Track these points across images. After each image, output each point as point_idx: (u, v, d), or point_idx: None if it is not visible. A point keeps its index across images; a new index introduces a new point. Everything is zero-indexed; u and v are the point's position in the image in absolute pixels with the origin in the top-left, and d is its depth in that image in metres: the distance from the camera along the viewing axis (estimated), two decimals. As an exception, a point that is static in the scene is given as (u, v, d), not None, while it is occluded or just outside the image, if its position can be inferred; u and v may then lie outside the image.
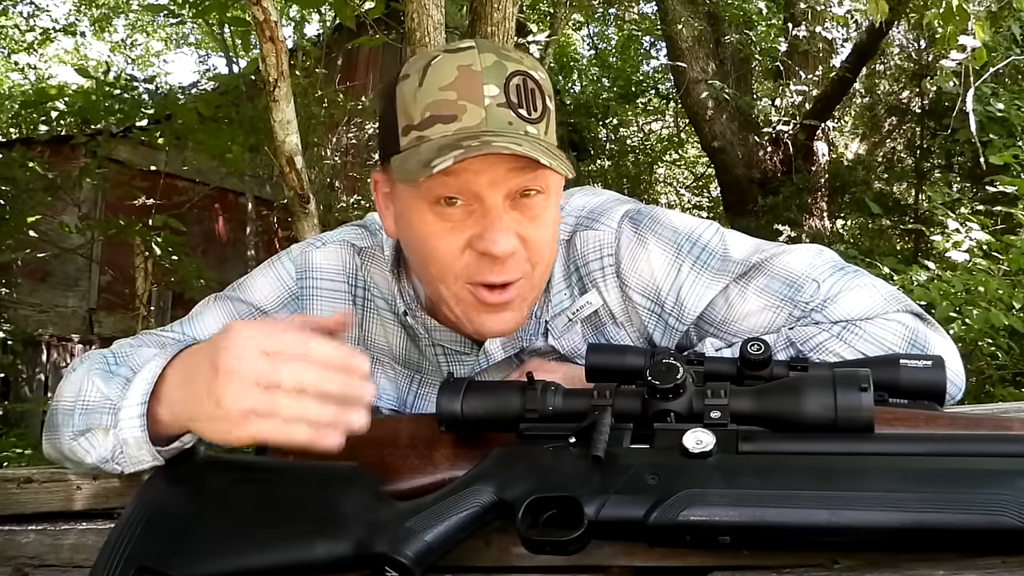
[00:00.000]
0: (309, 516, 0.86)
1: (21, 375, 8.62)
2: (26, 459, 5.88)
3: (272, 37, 3.16)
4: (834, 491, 0.75)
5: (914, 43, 9.40)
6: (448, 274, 1.05)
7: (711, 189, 12.75)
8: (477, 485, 0.85)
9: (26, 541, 0.98)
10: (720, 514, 0.76)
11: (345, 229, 1.26)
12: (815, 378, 0.83)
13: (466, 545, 0.85)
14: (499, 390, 0.92)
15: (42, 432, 1.08)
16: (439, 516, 0.83)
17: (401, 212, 1.08)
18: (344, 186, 8.91)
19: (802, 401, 0.81)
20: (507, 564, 0.88)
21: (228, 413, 0.80)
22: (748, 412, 0.84)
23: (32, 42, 14.77)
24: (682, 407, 0.85)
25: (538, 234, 1.04)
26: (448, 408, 0.91)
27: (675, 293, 1.14)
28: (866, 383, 0.81)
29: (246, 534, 0.85)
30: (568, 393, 0.90)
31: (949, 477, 0.75)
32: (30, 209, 6.40)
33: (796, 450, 0.81)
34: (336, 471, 0.90)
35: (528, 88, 1.02)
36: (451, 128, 0.99)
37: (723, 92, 8.59)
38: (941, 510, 0.73)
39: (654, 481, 0.79)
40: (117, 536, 0.85)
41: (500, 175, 0.99)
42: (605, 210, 1.18)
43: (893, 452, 0.80)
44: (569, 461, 0.84)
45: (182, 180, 8.41)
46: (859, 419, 0.80)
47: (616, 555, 0.85)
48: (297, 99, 3.67)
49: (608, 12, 11.55)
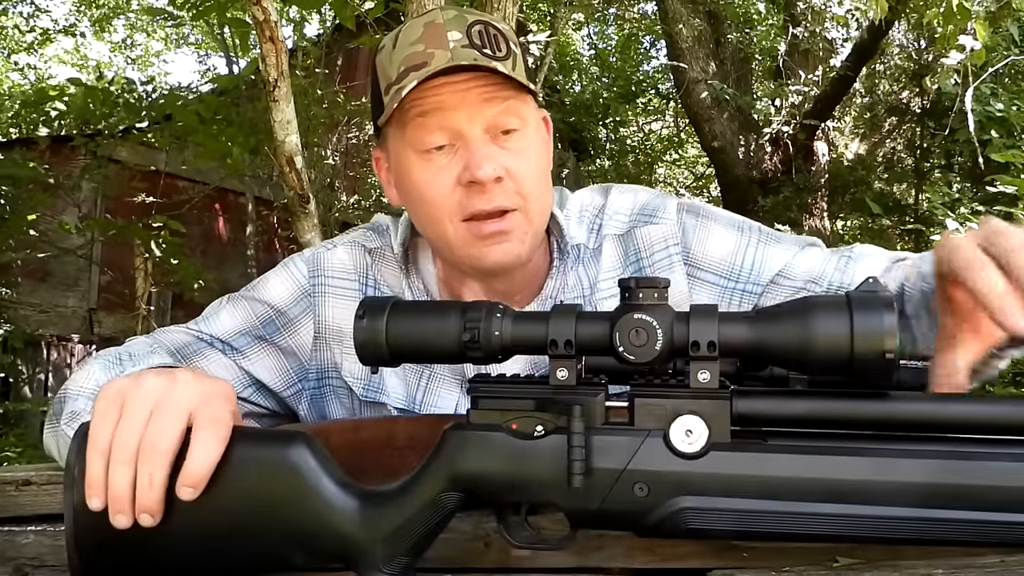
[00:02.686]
0: (271, 520, 0.80)
1: (21, 375, 8.62)
2: (26, 458, 5.89)
3: (272, 37, 3.16)
4: (848, 504, 0.70)
5: (914, 43, 9.40)
6: (443, 214, 1.10)
7: (711, 189, 12.76)
8: (441, 482, 0.77)
9: (26, 542, 0.98)
10: (719, 524, 0.72)
11: (355, 232, 1.30)
12: (826, 300, 0.70)
13: (465, 547, 0.85)
14: (433, 309, 0.78)
15: (42, 429, 1.12)
16: (411, 526, 0.77)
17: (398, 173, 1.15)
18: (344, 186, 8.92)
19: (810, 328, 0.69)
20: (507, 566, 0.88)
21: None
22: (742, 344, 0.72)
23: (32, 42, 14.77)
24: (661, 365, 0.73)
25: (523, 166, 1.10)
26: (369, 331, 0.77)
27: (750, 260, 1.19)
28: (890, 304, 0.67)
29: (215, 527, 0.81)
30: (520, 317, 0.76)
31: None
32: (30, 209, 6.40)
33: (799, 415, 0.72)
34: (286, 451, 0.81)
35: (490, 33, 1.10)
36: (422, 73, 1.06)
37: (723, 92, 8.58)
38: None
39: (642, 492, 0.73)
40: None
41: (475, 107, 1.07)
42: (657, 205, 1.24)
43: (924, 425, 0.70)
44: (540, 458, 0.75)
45: (182, 180, 8.41)
46: (879, 353, 0.66)
47: (615, 557, 0.85)
48: (297, 99, 3.67)
49: (608, 12, 11.54)
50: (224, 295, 1.28)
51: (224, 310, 1.23)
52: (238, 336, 1.21)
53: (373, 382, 1.21)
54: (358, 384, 1.21)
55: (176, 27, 12.29)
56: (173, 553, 0.80)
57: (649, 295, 0.72)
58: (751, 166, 9.05)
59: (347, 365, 1.21)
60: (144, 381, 0.81)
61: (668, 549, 0.85)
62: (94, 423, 0.80)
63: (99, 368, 1.10)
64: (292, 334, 1.22)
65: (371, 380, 1.21)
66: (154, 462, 0.77)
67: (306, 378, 1.23)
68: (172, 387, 0.81)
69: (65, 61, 17.33)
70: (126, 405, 0.80)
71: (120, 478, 0.77)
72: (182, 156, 7.09)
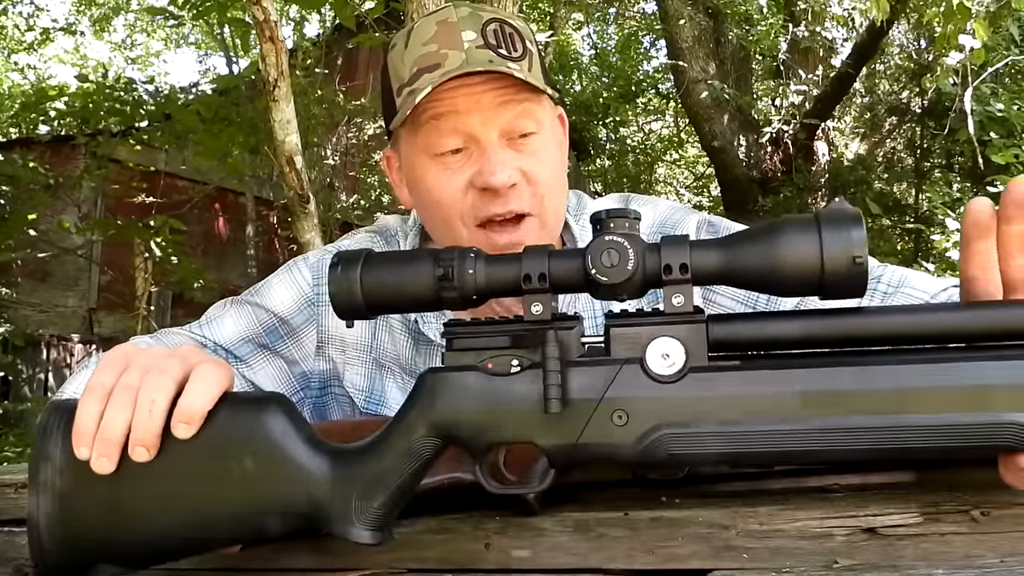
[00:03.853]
0: (241, 476, 0.78)
1: (21, 375, 8.63)
2: (26, 458, 5.89)
3: (272, 37, 3.17)
4: (831, 418, 0.69)
5: (914, 43, 9.41)
6: (455, 216, 1.08)
7: (711, 189, 12.76)
8: (416, 428, 0.75)
9: (26, 542, 0.98)
10: (700, 448, 0.71)
11: (361, 238, 1.27)
12: (795, 219, 0.70)
13: (465, 547, 0.85)
14: (406, 258, 0.78)
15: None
16: (387, 477, 0.75)
17: (410, 176, 1.14)
18: (344, 186, 8.92)
19: (780, 246, 0.69)
20: (507, 566, 0.87)
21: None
22: (714, 269, 0.71)
23: (32, 42, 14.78)
24: (635, 291, 0.73)
25: (539, 168, 1.08)
26: (344, 284, 0.75)
27: None
28: (857, 219, 0.67)
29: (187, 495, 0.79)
30: (493, 258, 0.76)
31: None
32: (30, 209, 6.41)
33: (776, 337, 0.71)
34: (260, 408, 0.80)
35: (506, 32, 1.07)
36: (436, 75, 1.04)
37: (723, 92, 8.59)
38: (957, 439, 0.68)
39: (621, 421, 0.72)
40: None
41: (489, 111, 1.05)
42: (678, 221, 1.21)
43: (898, 331, 0.70)
44: (517, 395, 0.73)
45: (182, 180, 8.42)
46: (849, 268, 0.66)
47: (615, 558, 0.85)
48: (297, 99, 3.67)
49: (608, 12, 11.55)
50: (227, 297, 1.26)
51: (227, 316, 1.21)
52: (241, 344, 1.19)
53: (375, 394, 1.20)
54: (360, 395, 1.20)
55: (176, 27, 12.29)
56: (143, 521, 0.78)
57: (620, 224, 0.72)
58: (751, 166, 9.05)
59: (349, 375, 1.21)
60: (150, 347, 0.83)
61: (668, 550, 0.85)
62: (96, 373, 0.79)
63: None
64: (295, 343, 1.20)
65: (372, 391, 1.20)
66: (158, 387, 0.76)
67: (308, 386, 1.23)
68: (176, 349, 0.82)
69: (65, 61, 17.35)
70: (133, 357, 0.80)
71: (115, 417, 0.76)
72: (182, 156, 7.10)
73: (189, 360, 0.80)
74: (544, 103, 1.11)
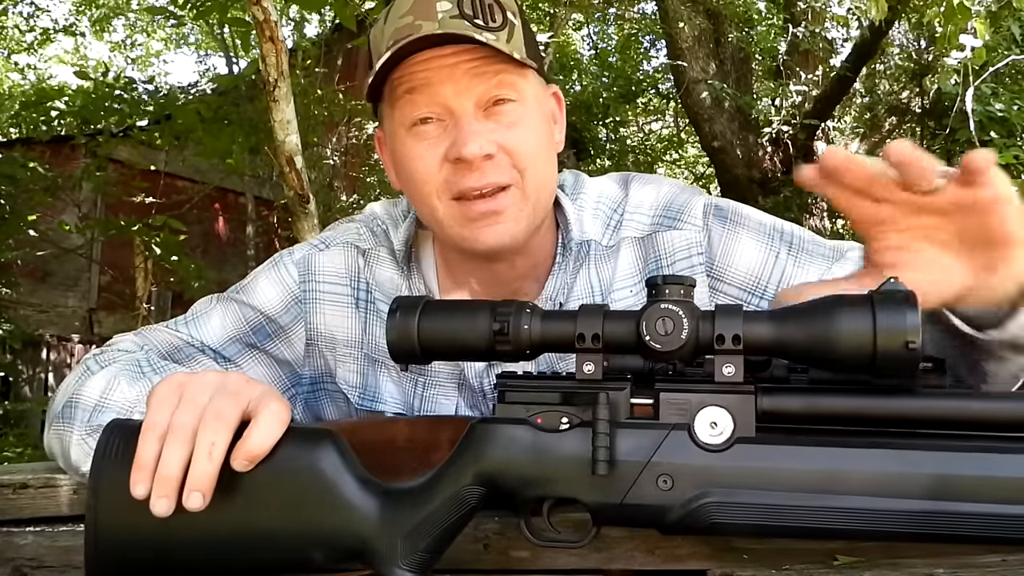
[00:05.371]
0: (290, 514, 0.80)
1: (21, 375, 8.63)
2: (26, 458, 5.89)
3: (272, 37, 3.16)
4: (874, 498, 0.69)
5: (914, 43, 9.40)
6: (431, 190, 1.07)
7: (711, 189, 12.75)
8: (464, 476, 0.77)
9: (24, 543, 0.98)
10: (742, 519, 0.71)
11: (347, 229, 1.24)
12: (850, 299, 0.70)
13: (464, 548, 0.85)
14: (464, 307, 0.79)
15: (44, 427, 1.09)
16: (432, 521, 0.77)
17: (392, 151, 1.13)
18: (344, 186, 8.91)
19: (834, 325, 0.69)
20: (506, 567, 0.87)
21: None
22: (766, 341, 0.72)
23: (32, 42, 14.78)
24: (687, 357, 0.74)
25: (517, 139, 1.06)
26: (402, 330, 0.77)
27: (777, 276, 1.12)
28: (913, 303, 0.67)
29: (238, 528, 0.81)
30: (548, 316, 0.77)
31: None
32: (30, 209, 6.40)
33: (825, 412, 0.72)
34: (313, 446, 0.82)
35: (484, 3, 1.05)
36: (398, 45, 1.02)
37: (723, 92, 8.58)
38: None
39: (667, 486, 0.72)
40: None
41: (462, 82, 1.03)
42: (683, 204, 1.16)
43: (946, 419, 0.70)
44: (565, 451, 0.74)
45: (182, 180, 8.42)
46: (900, 352, 0.66)
47: (615, 558, 0.85)
48: (297, 99, 3.67)
49: (608, 12, 11.54)
50: (213, 294, 1.24)
51: (214, 314, 1.19)
52: (228, 344, 1.18)
53: (368, 390, 1.18)
54: (354, 392, 1.19)
55: (176, 27, 12.29)
56: (193, 554, 0.80)
57: (675, 291, 0.73)
58: (751, 166, 9.04)
59: (341, 372, 1.19)
60: (204, 373, 0.83)
61: (667, 550, 0.85)
62: (152, 410, 0.79)
63: (126, 380, 1.04)
64: (284, 341, 1.19)
65: (366, 388, 1.18)
66: (217, 430, 0.77)
67: (299, 383, 1.22)
68: (231, 377, 0.82)
69: (65, 61, 17.33)
70: (186, 390, 0.80)
71: (174, 457, 0.76)
72: (182, 156, 7.10)
73: (247, 394, 0.81)
74: (528, 76, 1.09)
